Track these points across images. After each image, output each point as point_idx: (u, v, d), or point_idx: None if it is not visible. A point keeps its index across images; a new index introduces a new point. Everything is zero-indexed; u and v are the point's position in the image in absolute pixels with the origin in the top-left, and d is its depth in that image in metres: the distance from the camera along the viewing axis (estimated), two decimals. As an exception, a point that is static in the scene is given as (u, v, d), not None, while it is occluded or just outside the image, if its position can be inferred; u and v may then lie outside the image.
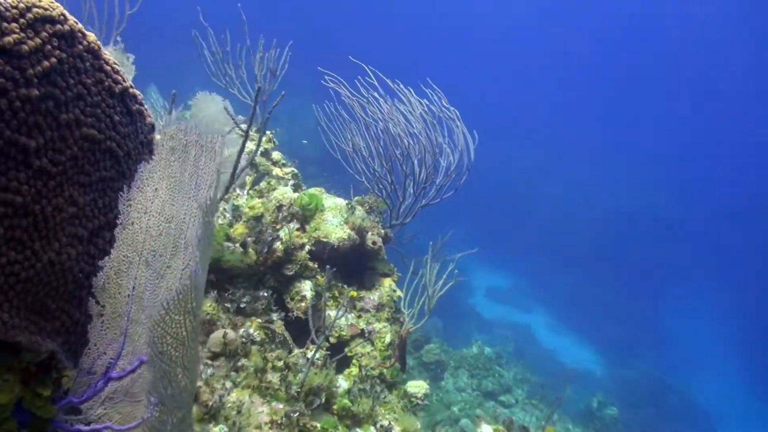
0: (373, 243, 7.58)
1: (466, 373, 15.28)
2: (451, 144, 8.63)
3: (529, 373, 16.08)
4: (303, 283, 7.22)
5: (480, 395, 14.75)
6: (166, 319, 1.86)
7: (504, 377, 15.20)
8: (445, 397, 14.30)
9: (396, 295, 7.66)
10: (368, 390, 6.62)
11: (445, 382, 15.08)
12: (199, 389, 4.96)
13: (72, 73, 2.35)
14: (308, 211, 7.42)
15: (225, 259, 6.27)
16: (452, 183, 8.83)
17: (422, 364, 15.17)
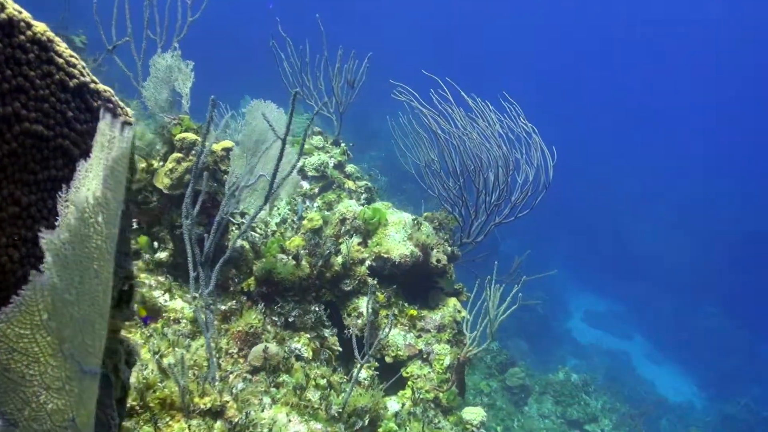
0: (438, 261, 7.19)
1: (551, 399, 14.59)
2: (528, 161, 8.15)
3: (619, 402, 15.20)
4: (361, 299, 6.92)
5: (564, 423, 14.03)
6: (7, 332, 1.58)
7: (590, 406, 14.41)
8: (527, 424, 13.67)
9: (460, 316, 7.25)
10: (419, 414, 6.23)
11: (529, 408, 14.44)
12: (226, 405, 4.71)
13: (10, 64, 2.14)
14: (371, 225, 7.12)
15: (277, 271, 6.04)
16: (528, 201, 8.32)
17: (506, 388, 14.59)
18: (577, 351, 22.59)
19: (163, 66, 5.99)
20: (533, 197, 8.18)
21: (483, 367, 15.15)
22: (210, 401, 4.58)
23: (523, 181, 8.20)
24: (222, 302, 6.01)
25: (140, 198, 5.94)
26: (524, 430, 13.49)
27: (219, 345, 5.48)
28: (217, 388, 4.63)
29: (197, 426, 4.49)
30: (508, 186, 7.99)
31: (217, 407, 4.62)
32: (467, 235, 8.36)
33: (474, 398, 13.92)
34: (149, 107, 6.01)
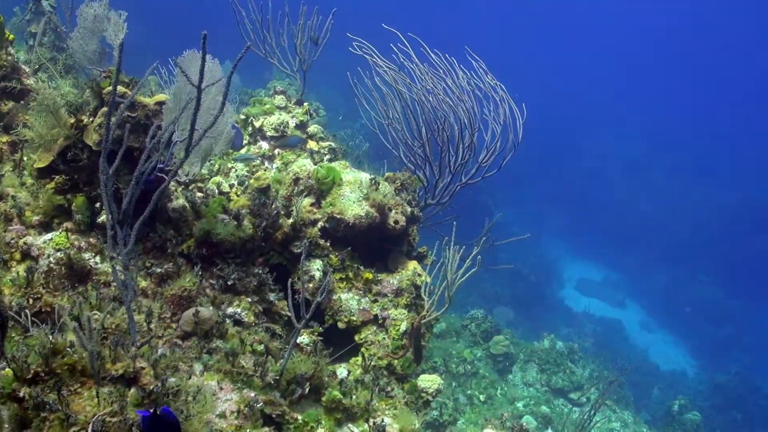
0: (396, 222, 6.83)
1: (536, 367, 14.31)
2: (495, 119, 7.73)
3: (607, 371, 14.89)
4: (312, 262, 6.57)
5: (549, 391, 13.76)
6: None
7: (576, 374, 14.12)
8: (510, 392, 13.41)
9: (420, 279, 6.90)
10: (368, 382, 5.90)
11: (513, 376, 14.17)
12: (141, 371, 4.38)
13: None
14: (324, 185, 6.75)
15: (216, 231, 5.70)
16: (496, 161, 7.92)
17: (490, 356, 14.31)
18: (569, 319, 22.33)
19: (91, 15, 5.58)
20: (501, 156, 7.77)
21: (467, 335, 14.89)
22: (122, 367, 4.24)
23: (489, 140, 7.79)
24: (159, 265, 5.66)
25: (70, 155, 5.57)
26: (507, 398, 13.24)
27: (151, 309, 5.13)
28: (131, 354, 4.29)
29: (108, 394, 4.15)
30: (474, 145, 7.59)
31: (130, 374, 4.28)
32: (432, 197, 7.97)
33: (456, 366, 13.65)
34: (77, 60, 5.62)
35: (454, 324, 15.39)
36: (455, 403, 12.83)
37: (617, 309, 24.87)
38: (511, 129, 7.73)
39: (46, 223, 5.75)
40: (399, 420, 5.59)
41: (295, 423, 5.17)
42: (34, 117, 5.54)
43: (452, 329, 15.27)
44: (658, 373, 19.62)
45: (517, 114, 7.75)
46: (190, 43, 5.39)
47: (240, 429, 4.74)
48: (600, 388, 14.16)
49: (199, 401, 4.60)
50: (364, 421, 5.54)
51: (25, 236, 5.49)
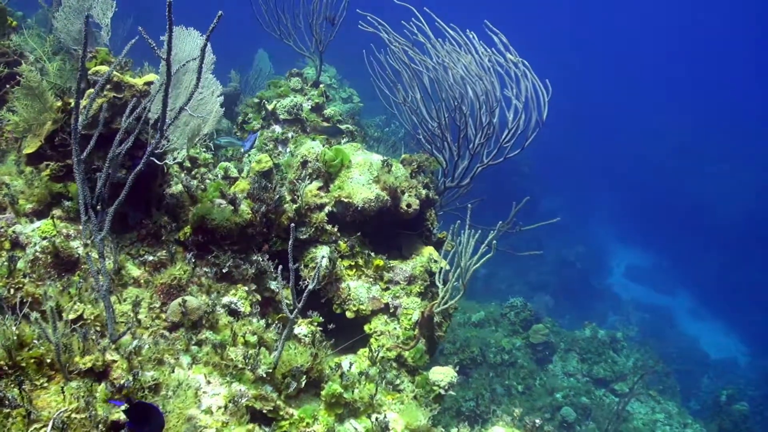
0: (408, 206, 6.40)
1: (577, 357, 13.71)
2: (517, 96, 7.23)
3: (652, 360, 14.18)
4: (319, 248, 6.19)
5: (590, 382, 13.15)
6: None
7: (618, 364, 13.47)
8: (549, 382, 12.86)
9: (436, 266, 6.45)
10: (373, 375, 5.50)
11: (553, 366, 13.60)
12: (112, 365, 4.06)
13: None
14: (332, 167, 6.36)
15: (211, 217, 5.35)
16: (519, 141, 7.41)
17: (529, 345, 13.76)
18: (617, 307, 21.57)
19: (76, -8, 5.28)
20: (523, 136, 7.26)
21: (506, 323, 14.37)
22: (90, 360, 3.92)
23: (512, 119, 7.29)
24: (153, 253, 5.34)
25: (57, 140, 5.28)
26: (546, 389, 12.69)
27: (138, 299, 4.82)
28: (101, 346, 3.97)
29: (77, 389, 3.84)
30: (494, 124, 7.10)
31: (99, 367, 3.96)
32: (452, 179, 7.51)
33: (494, 356, 13.16)
34: (62, 40, 5.32)
35: (494, 313, 14.89)
36: (492, 394, 12.36)
37: (666, 296, 23.94)
38: (535, 107, 7.21)
39: (41, 211, 5.48)
40: (405, 415, 5.17)
41: (291, 419, 4.79)
42: (20, 101, 5.27)
43: (491, 318, 14.77)
44: (709, 361, 18.76)
45: (541, 91, 7.23)
46: (202, 25, 5.06)
47: (226, 426, 4.39)
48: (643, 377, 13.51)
49: (179, 396, 4.26)
50: (367, 416, 5.14)
51: (15, 225, 5.22)
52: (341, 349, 6.26)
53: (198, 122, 5.02)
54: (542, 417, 11.88)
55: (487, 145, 7.30)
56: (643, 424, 12.39)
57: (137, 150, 5.33)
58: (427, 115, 7.38)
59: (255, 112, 8.07)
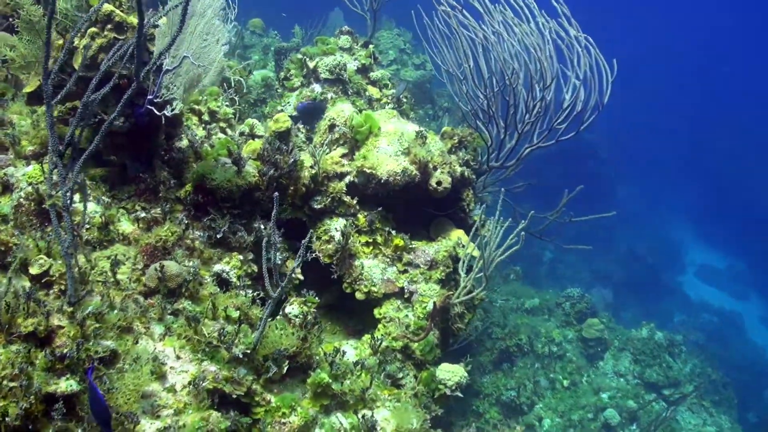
0: (438, 183, 5.75)
1: (630, 357, 12.74)
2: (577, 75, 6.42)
3: (711, 368, 13.09)
4: (334, 220, 5.62)
5: (640, 385, 12.21)
6: None
7: (673, 369, 12.44)
8: (596, 381, 12.01)
9: (463, 252, 5.79)
10: (371, 365, 4.93)
11: (604, 364, 12.70)
12: (57, 330, 3.60)
13: None
14: (359, 134, 5.76)
15: (211, 176, 4.83)
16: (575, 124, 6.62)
17: (581, 339, 12.89)
18: (684, 307, 20.27)
19: None
20: (579, 118, 6.46)
21: (560, 314, 13.52)
22: (32, 324, 3.46)
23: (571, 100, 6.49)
24: (148, 209, 4.88)
25: (55, 81, 4.82)
26: (592, 387, 11.86)
27: (116, 258, 4.35)
28: (45, 309, 3.51)
29: (15, 353, 3.40)
30: (546, 102, 6.32)
31: (42, 332, 3.50)
32: (496, 158, 6.78)
33: (543, 347, 12.39)
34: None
35: (549, 301, 14.06)
36: (535, 385, 11.63)
37: (738, 300, 22.37)
38: (596, 88, 6.39)
39: (42, 154, 5.07)
40: (396, 416, 4.58)
41: (267, 406, 4.28)
42: (21, 36, 4.85)
43: (545, 306, 13.95)
44: (765, 371, 17.38)
45: (604, 70, 6.40)
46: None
47: (187, 407, 3.90)
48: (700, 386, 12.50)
49: (135, 371, 3.79)
50: (354, 412, 4.58)
51: (8, 167, 4.83)
52: (347, 334, 5.71)
53: (199, 71, 4.47)
54: (584, 416, 11.12)
55: (538, 125, 6.53)
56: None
57: (139, 97, 4.86)
58: (475, 86, 6.66)
59: (297, 68, 7.50)
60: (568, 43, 6.36)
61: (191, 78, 4.48)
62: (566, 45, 6.40)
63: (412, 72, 14.53)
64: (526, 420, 11.10)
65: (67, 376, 3.53)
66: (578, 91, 6.32)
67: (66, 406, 3.43)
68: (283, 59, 8.60)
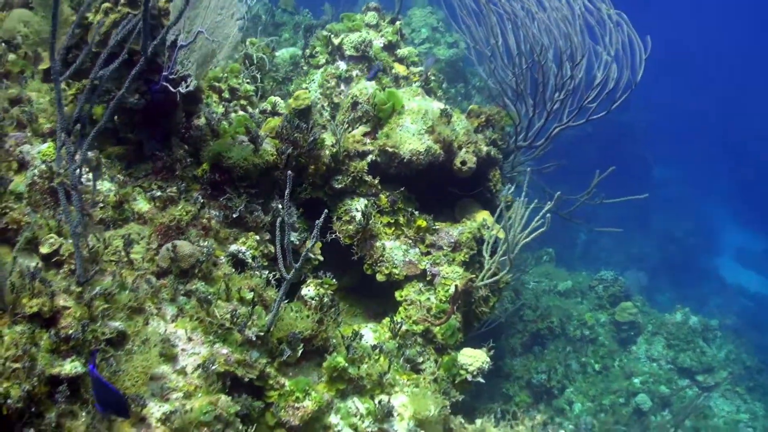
0: (463, 163, 5.54)
1: (663, 341, 12.42)
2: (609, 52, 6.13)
3: (747, 354, 12.70)
4: (355, 200, 5.44)
5: (673, 370, 11.89)
6: None
7: (707, 354, 12.10)
8: (629, 365, 11.72)
9: (488, 233, 5.58)
10: (390, 349, 4.76)
11: (637, 348, 12.40)
12: (63, 311, 3.49)
13: None
14: (382, 112, 5.56)
15: (227, 155, 4.69)
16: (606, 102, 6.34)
17: (613, 323, 12.59)
18: (721, 291, 19.74)
19: None
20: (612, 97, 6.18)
21: (593, 297, 13.23)
22: (37, 304, 3.36)
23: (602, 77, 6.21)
24: (164, 188, 4.75)
25: (70, 57, 4.71)
26: (624, 371, 11.59)
27: (130, 238, 4.24)
28: (50, 289, 3.40)
29: (20, 334, 3.30)
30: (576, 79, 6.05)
31: (47, 313, 3.39)
32: (524, 138, 6.53)
33: (574, 330, 12.13)
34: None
35: (582, 283, 13.76)
36: (566, 369, 11.40)
37: (777, 286, 21.77)
38: (628, 65, 6.09)
39: (59, 131, 4.95)
40: (414, 402, 4.42)
41: (281, 390, 4.14)
42: (37, 11, 4.74)
43: (578, 289, 13.66)
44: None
45: (638, 47, 6.10)
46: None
47: (197, 390, 3.78)
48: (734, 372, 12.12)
49: (143, 353, 3.67)
50: (370, 397, 4.43)
51: (23, 144, 4.73)
52: (368, 316, 5.55)
53: (212, 46, 4.31)
54: (616, 401, 10.86)
55: (568, 103, 6.26)
56: (725, 423, 11.09)
57: (154, 74, 4.73)
58: (503, 63, 6.40)
59: (323, 45, 7.31)
60: (599, 18, 6.07)
61: (205, 54, 4.32)
62: (597, 21, 6.10)
63: (445, 50, 14.22)
64: (556, 404, 10.89)
65: (72, 358, 3.43)
66: (610, 69, 6.03)
67: (70, 389, 3.33)
68: (311, 37, 8.41)
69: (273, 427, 4.12)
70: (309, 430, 4.15)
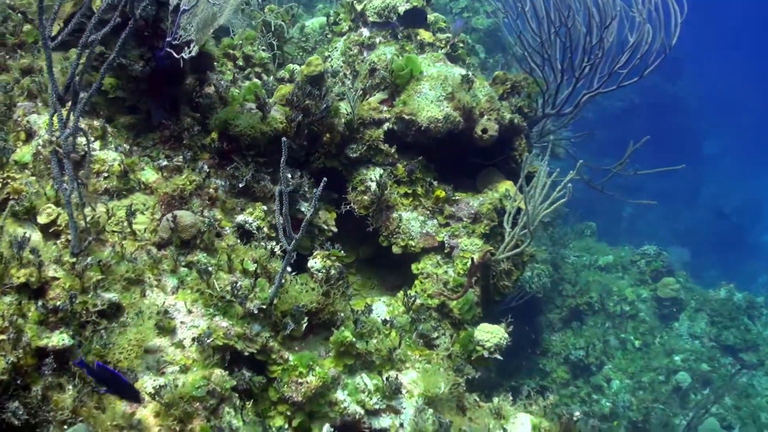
0: (484, 131, 5.26)
1: (706, 318, 11.95)
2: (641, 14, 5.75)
3: (793, 331, 12.15)
4: (371, 170, 5.22)
5: (716, 347, 11.44)
6: None
7: (752, 332, 11.59)
8: (670, 342, 11.32)
9: (510, 204, 5.30)
10: (402, 324, 4.56)
11: (679, 325, 11.96)
12: (51, 282, 3.37)
13: None
14: (400, 78, 5.31)
15: (234, 122, 4.50)
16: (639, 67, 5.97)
17: (655, 299, 12.17)
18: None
19: None
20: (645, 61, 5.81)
21: (635, 272, 12.81)
22: (25, 275, 3.23)
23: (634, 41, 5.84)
24: (171, 157, 4.60)
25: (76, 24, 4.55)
26: (665, 348, 11.20)
27: (131, 208, 4.10)
28: (38, 259, 3.27)
29: (8, 305, 3.18)
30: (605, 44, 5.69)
31: (35, 284, 3.27)
32: (552, 105, 6.20)
33: (614, 305, 11.77)
34: None
35: (624, 258, 13.34)
36: (605, 345, 11.07)
37: (832, 262, 20.87)
38: (662, 28, 5.70)
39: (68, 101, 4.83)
40: (425, 378, 4.21)
41: (285, 364, 3.97)
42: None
43: (620, 263, 13.25)
44: None
45: (673, 9, 5.70)
46: None
47: (193, 365, 3.63)
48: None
49: (137, 325, 3.53)
50: (378, 373, 4.24)
51: (31, 114, 4.62)
52: (385, 289, 5.35)
53: (213, 10, 4.10)
54: (655, 379, 10.50)
55: (598, 68, 5.91)
56: (767, 402, 10.64)
57: (158, 40, 4.56)
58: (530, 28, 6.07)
59: (346, 12, 7.05)
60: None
61: (205, 17, 4.12)
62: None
63: (484, 20, 13.81)
64: (593, 380, 10.60)
65: (60, 330, 3.31)
66: (642, 31, 5.65)
67: (58, 361, 3.21)
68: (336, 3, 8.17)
69: (276, 403, 3.97)
70: (313, 406, 3.98)
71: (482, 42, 13.44)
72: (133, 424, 3.22)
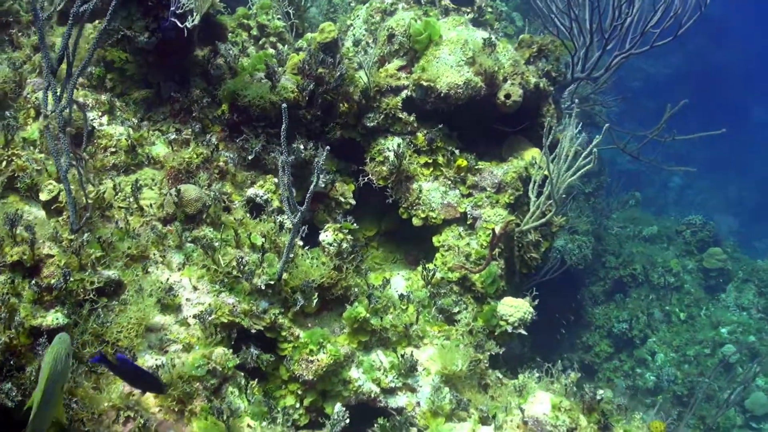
0: (507, 96, 4.96)
1: (754, 289, 11.43)
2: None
3: None
4: (389, 139, 4.99)
5: (765, 319, 10.95)
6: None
7: (802, 303, 11.07)
8: (716, 314, 10.85)
9: (537, 173, 5.01)
10: (420, 299, 4.34)
11: (726, 296, 11.48)
12: (46, 260, 3.23)
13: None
14: (418, 43, 5.05)
15: (243, 93, 4.31)
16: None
17: (701, 270, 11.70)
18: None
19: None
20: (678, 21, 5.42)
21: (680, 242, 12.34)
22: (17, 253, 3.11)
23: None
24: (180, 131, 4.44)
25: None
26: (711, 321, 10.75)
27: (138, 183, 3.96)
28: (31, 237, 3.14)
29: (2, 283, 3.06)
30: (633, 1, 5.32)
31: (28, 261, 3.14)
32: (581, 69, 5.86)
33: (659, 277, 11.33)
34: None
35: (669, 228, 12.86)
36: (649, 318, 10.69)
37: None
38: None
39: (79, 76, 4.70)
40: (442, 355, 3.99)
41: (295, 342, 3.80)
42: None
43: (665, 234, 12.77)
44: None
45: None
46: None
47: (197, 343, 3.48)
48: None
49: (138, 303, 3.39)
50: (394, 350, 4.03)
51: (40, 90, 4.49)
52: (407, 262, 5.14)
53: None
54: (701, 352, 10.09)
55: (630, 29, 5.54)
56: (817, 375, 10.12)
57: (163, 10, 4.38)
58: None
59: (368, -20, 6.78)
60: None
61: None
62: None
63: (518, -15, 13.32)
64: (637, 354, 10.26)
65: (56, 309, 3.17)
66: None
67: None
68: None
69: (286, 382, 3.80)
70: (326, 384, 3.81)
71: (519, 9, 12.96)
72: (131, 405, 3.08)
